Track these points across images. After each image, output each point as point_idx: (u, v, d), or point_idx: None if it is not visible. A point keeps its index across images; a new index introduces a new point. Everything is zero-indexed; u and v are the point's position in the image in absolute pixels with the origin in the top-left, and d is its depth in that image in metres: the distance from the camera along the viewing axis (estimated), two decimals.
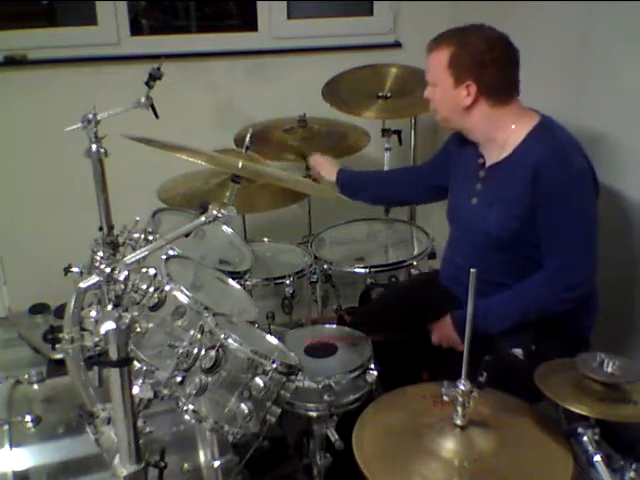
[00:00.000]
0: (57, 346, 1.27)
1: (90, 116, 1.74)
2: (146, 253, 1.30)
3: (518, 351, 1.72)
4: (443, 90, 1.75)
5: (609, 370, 1.31)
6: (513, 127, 1.74)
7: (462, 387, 1.24)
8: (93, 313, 1.31)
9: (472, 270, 1.18)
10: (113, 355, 1.05)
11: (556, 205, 1.66)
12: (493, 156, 1.79)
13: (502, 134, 1.75)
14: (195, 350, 1.35)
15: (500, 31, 1.71)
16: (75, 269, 1.57)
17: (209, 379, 1.33)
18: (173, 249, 1.65)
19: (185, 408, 1.34)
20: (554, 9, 2.27)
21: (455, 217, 1.97)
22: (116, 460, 1.14)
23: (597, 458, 1.28)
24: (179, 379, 1.34)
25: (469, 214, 1.86)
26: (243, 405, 1.34)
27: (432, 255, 2.27)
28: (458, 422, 1.26)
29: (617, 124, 2.04)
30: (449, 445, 1.24)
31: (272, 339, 1.58)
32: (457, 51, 1.69)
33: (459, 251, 1.96)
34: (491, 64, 1.68)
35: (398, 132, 2.71)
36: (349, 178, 2.22)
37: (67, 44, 2.83)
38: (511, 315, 1.74)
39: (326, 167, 2.27)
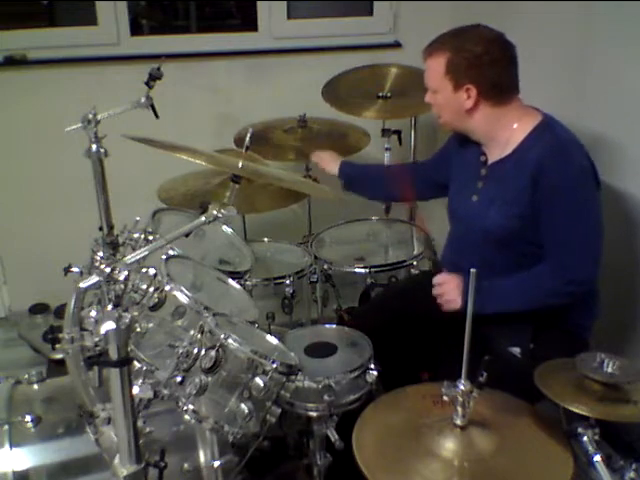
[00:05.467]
0: (57, 346, 1.27)
1: (90, 116, 1.73)
2: (146, 253, 1.30)
3: (516, 350, 1.72)
4: (443, 95, 1.76)
5: (609, 370, 1.31)
6: (515, 126, 1.74)
7: (462, 387, 1.24)
8: (93, 313, 1.32)
9: (472, 270, 1.18)
10: (113, 355, 1.05)
11: (557, 204, 1.66)
12: (495, 154, 1.80)
13: (504, 133, 1.75)
14: (195, 350, 1.35)
15: (495, 30, 1.71)
16: (75, 269, 1.56)
17: (209, 379, 1.34)
18: (173, 249, 1.65)
19: (185, 408, 1.34)
20: (554, 9, 2.27)
21: (455, 214, 1.97)
22: (116, 460, 1.14)
23: (597, 458, 1.28)
24: (179, 379, 1.34)
25: (469, 212, 1.86)
26: (243, 405, 1.34)
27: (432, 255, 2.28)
28: (458, 422, 1.26)
29: (617, 123, 2.04)
30: (449, 445, 1.24)
31: (272, 339, 1.59)
32: (453, 57, 1.69)
33: (458, 250, 1.96)
34: (489, 65, 1.68)
35: (398, 132, 2.71)
36: (351, 171, 2.24)
37: (67, 44, 2.84)
38: (510, 297, 1.73)
39: (328, 161, 2.30)
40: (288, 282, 2.15)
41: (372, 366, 1.65)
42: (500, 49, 1.70)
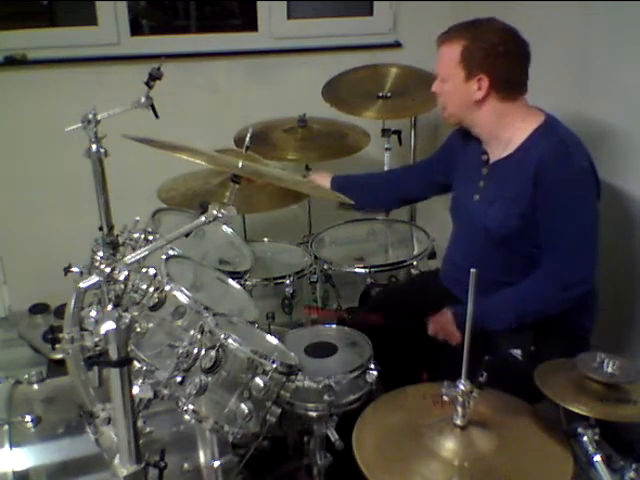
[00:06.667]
0: (57, 346, 1.27)
1: (90, 116, 1.73)
2: (146, 253, 1.30)
3: (517, 352, 1.72)
4: (453, 84, 1.74)
5: (609, 370, 1.31)
6: (519, 125, 1.74)
7: (462, 387, 1.24)
8: (93, 313, 1.32)
9: (472, 270, 1.18)
10: (113, 355, 1.05)
11: (556, 204, 1.66)
12: (497, 153, 1.79)
13: (507, 131, 1.75)
14: (195, 350, 1.35)
15: (510, 25, 1.71)
16: (75, 269, 1.56)
17: (209, 379, 1.33)
18: (173, 249, 1.65)
19: (185, 408, 1.34)
20: (554, 8, 2.27)
21: (457, 214, 1.97)
22: (116, 460, 1.14)
23: (597, 458, 1.28)
24: (179, 379, 1.34)
25: (471, 211, 1.86)
26: (243, 405, 1.34)
27: (432, 255, 2.27)
28: (458, 422, 1.26)
29: (617, 122, 2.04)
30: (449, 445, 1.24)
31: (272, 339, 1.58)
32: (469, 45, 1.68)
33: (460, 249, 1.96)
34: (503, 57, 1.68)
35: (398, 132, 2.71)
36: (343, 183, 2.19)
37: (67, 44, 2.84)
38: (509, 313, 1.74)
39: (318, 180, 2.23)
40: (288, 282, 2.14)
41: (372, 366, 1.65)
42: (516, 44, 1.70)
